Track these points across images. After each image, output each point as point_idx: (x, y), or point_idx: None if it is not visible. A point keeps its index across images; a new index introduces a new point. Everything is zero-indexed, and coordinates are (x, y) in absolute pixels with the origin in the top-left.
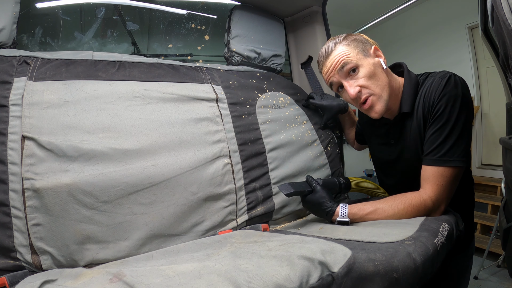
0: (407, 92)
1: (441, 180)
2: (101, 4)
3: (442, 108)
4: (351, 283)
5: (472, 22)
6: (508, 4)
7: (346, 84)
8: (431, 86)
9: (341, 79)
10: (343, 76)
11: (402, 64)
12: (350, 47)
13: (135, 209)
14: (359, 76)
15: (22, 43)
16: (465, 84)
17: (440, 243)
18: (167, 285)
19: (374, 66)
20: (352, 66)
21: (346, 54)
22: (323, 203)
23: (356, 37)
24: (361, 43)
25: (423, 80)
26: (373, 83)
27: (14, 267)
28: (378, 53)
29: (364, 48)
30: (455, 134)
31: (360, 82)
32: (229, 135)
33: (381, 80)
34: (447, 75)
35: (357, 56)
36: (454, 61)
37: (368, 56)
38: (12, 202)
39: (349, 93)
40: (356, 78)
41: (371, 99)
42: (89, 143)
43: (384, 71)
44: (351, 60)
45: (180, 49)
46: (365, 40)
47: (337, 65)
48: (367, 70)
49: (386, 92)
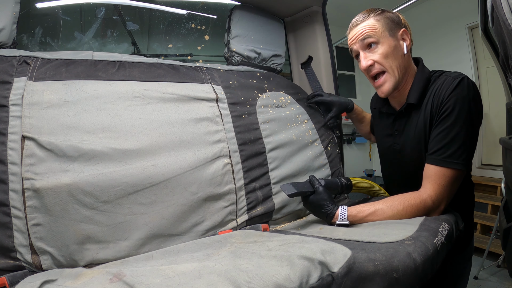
0: (417, 84)
1: (443, 180)
2: (101, 4)
3: (451, 108)
4: (351, 283)
5: (472, 22)
6: (508, 4)
7: (362, 54)
8: (443, 85)
9: (360, 49)
10: (363, 47)
11: (419, 60)
12: (380, 23)
13: (135, 209)
14: (376, 51)
15: (22, 43)
16: (476, 89)
17: (440, 243)
18: (167, 285)
19: (395, 48)
20: (373, 40)
21: (372, 28)
22: (324, 206)
23: (390, 15)
24: (392, 22)
25: (436, 78)
26: (387, 62)
27: (14, 267)
28: (405, 37)
29: (393, 28)
30: (462, 137)
31: (375, 57)
32: (229, 135)
33: (397, 62)
34: (460, 76)
35: (382, 33)
36: (454, 61)
37: (392, 36)
38: (12, 202)
39: (361, 64)
40: (373, 52)
41: (385, 77)
42: (89, 143)
43: (404, 55)
44: (374, 34)
45: (180, 49)
46: (399, 21)
47: (360, 35)
48: (385, 48)
49: (398, 74)
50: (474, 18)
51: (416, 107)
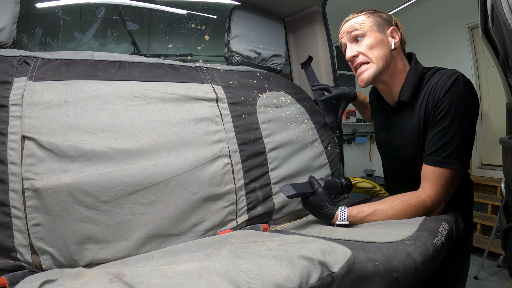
0: (409, 81)
1: (442, 180)
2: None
3: (447, 108)
4: (351, 283)
5: (472, 22)
6: (508, 4)
7: (348, 46)
8: (438, 84)
9: (347, 41)
10: (350, 39)
11: (412, 55)
12: (370, 19)
13: (135, 209)
14: (362, 43)
15: (22, 43)
16: (472, 86)
17: (440, 242)
18: (167, 285)
19: (381, 41)
20: (359, 33)
21: (361, 22)
22: (323, 206)
23: (382, 14)
24: (383, 20)
25: (431, 76)
26: (371, 53)
27: (14, 267)
28: (395, 34)
29: (382, 24)
30: (459, 136)
31: (360, 49)
32: (229, 135)
33: (382, 54)
34: (455, 74)
35: (370, 28)
36: (454, 61)
37: (380, 32)
38: (12, 202)
39: (346, 54)
40: (359, 44)
41: (366, 67)
42: (89, 143)
43: (391, 51)
44: (361, 28)
45: (180, 49)
46: (390, 20)
47: (348, 29)
48: (371, 41)
49: (381, 65)
50: (474, 18)
51: (410, 105)
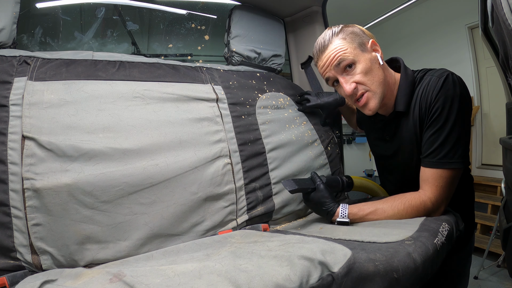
0: (403, 90)
1: (441, 181)
2: (101, 4)
3: (440, 109)
4: (351, 283)
5: (472, 22)
6: (508, 4)
7: (342, 80)
8: (428, 86)
9: (337, 75)
10: (339, 72)
11: (398, 59)
12: (347, 41)
13: (135, 209)
14: (356, 72)
15: (22, 43)
16: (462, 83)
17: (440, 243)
18: (167, 285)
19: (371, 62)
20: (349, 62)
21: (343, 49)
22: (325, 203)
23: (353, 30)
24: (358, 36)
25: (420, 78)
26: (369, 79)
27: (14, 267)
28: (376, 47)
29: (362, 42)
30: (454, 136)
31: (356, 78)
32: (229, 135)
33: (377, 76)
34: (444, 74)
35: (354, 51)
36: (454, 61)
37: (365, 51)
38: (12, 202)
39: (345, 89)
40: (352, 74)
41: (366, 95)
42: (89, 143)
43: (380, 66)
44: (348, 56)
45: (180, 49)
46: (362, 33)
47: (333, 60)
48: (363, 66)
49: (381, 89)
50: (474, 18)
51: (404, 113)
